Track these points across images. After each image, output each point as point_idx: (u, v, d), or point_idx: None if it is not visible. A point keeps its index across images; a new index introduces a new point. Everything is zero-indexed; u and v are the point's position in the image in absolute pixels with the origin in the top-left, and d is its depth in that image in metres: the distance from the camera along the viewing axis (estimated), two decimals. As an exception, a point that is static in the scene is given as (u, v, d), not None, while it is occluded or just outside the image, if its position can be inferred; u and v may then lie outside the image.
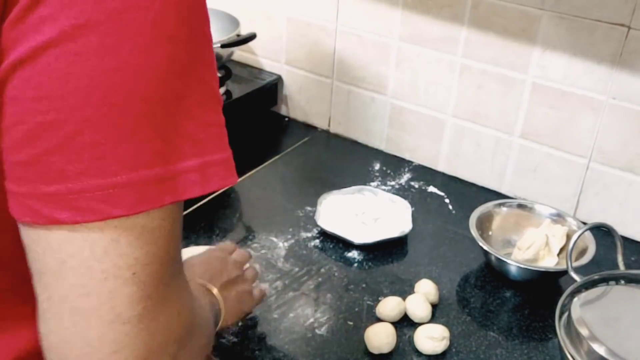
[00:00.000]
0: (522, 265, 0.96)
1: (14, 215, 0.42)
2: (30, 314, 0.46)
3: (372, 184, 1.21)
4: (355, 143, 1.36)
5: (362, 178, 1.22)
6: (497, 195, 1.20)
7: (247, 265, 0.88)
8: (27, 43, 0.39)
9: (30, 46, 0.39)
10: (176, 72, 0.42)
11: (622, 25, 0.99)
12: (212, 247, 0.89)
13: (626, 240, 1.06)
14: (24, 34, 0.39)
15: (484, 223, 1.04)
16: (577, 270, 0.89)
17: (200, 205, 1.11)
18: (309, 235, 1.06)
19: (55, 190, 0.40)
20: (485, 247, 0.97)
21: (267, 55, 1.40)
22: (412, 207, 1.12)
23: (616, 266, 0.90)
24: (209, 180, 0.45)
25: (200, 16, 0.44)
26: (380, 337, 0.85)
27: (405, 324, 0.90)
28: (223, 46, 1.21)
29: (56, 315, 0.43)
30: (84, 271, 0.41)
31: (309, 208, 1.12)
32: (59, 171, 0.40)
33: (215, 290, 0.74)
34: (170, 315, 0.45)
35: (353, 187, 1.14)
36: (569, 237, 1.00)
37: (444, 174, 1.27)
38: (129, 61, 0.40)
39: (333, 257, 1.03)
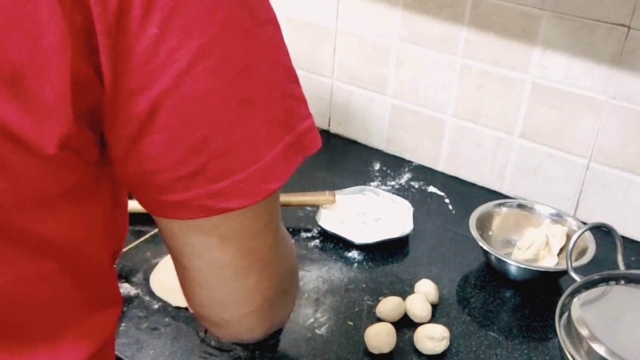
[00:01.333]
0: (522, 265, 0.96)
1: (186, 218, 0.48)
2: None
3: (372, 184, 1.21)
4: (355, 143, 1.36)
5: (362, 178, 1.22)
6: (497, 195, 1.20)
7: None
8: (167, 74, 0.42)
9: (171, 76, 0.42)
10: (278, 47, 0.48)
11: (622, 25, 0.99)
12: None
13: (626, 240, 1.06)
14: (160, 67, 0.41)
15: (484, 223, 1.04)
16: (577, 270, 0.89)
17: (200, 205, 1.11)
18: (309, 235, 1.06)
19: (224, 185, 0.46)
20: (485, 247, 0.97)
21: (267, 55, 1.40)
22: (412, 207, 1.12)
23: (616, 266, 0.90)
24: (317, 136, 0.52)
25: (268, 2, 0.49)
26: (380, 337, 0.85)
27: (405, 324, 0.90)
28: (223, 46, 1.21)
29: (220, 277, 0.51)
30: (241, 237, 0.50)
31: (309, 208, 1.12)
32: (223, 170, 0.46)
33: None
34: (284, 251, 0.55)
35: (355, 188, 1.14)
36: (569, 237, 1.01)
37: (444, 174, 1.27)
38: (246, 58, 0.44)
39: (333, 257, 1.03)
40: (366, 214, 1.08)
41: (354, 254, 1.03)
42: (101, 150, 0.47)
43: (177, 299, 0.90)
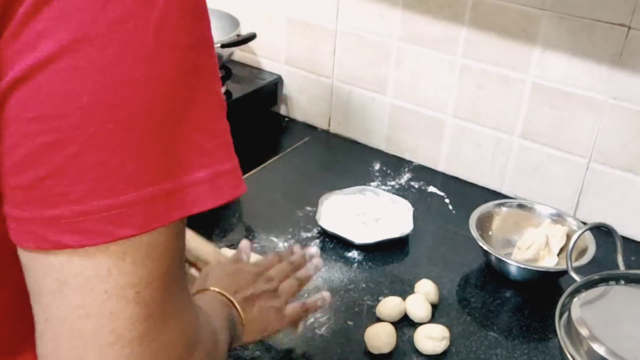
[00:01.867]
0: (522, 265, 0.96)
1: (14, 241, 0.40)
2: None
3: (372, 184, 1.21)
4: (355, 143, 1.36)
5: (362, 178, 1.22)
6: (497, 195, 1.20)
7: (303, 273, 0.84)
8: (23, 61, 0.37)
9: (27, 64, 0.37)
10: (181, 81, 0.40)
11: (622, 25, 0.99)
12: (242, 261, 0.85)
13: (626, 240, 1.06)
14: (20, 51, 0.37)
15: (484, 223, 1.04)
16: (577, 270, 0.89)
17: (200, 205, 1.11)
18: (309, 235, 1.06)
19: (60, 213, 0.39)
20: (485, 247, 0.97)
21: (267, 55, 1.40)
22: (412, 207, 1.12)
23: (616, 266, 0.90)
24: (220, 191, 0.43)
25: (202, 21, 0.42)
26: (380, 337, 0.85)
27: (405, 324, 0.90)
28: (223, 46, 1.21)
29: (54, 337, 0.41)
30: (86, 291, 0.40)
31: (309, 208, 1.12)
32: (63, 194, 0.38)
33: (236, 303, 0.71)
34: (172, 334, 0.44)
35: (355, 188, 1.14)
36: (569, 237, 1.00)
37: (444, 174, 1.27)
38: (132, 74, 0.38)
39: (333, 257, 1.03)
40: (366, 214, 1.08)
41: (354, 254, 1.03)
42: None
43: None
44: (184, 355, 0.46)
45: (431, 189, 1.22)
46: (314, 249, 0.88)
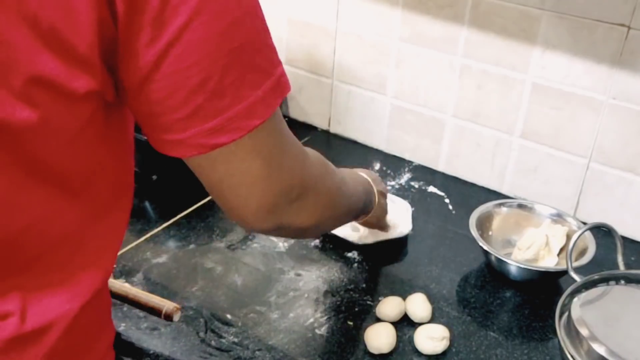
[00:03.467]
0: (522, 265, 0.96)
1: (182, 155, 0.57)
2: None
3: (372, 184, 1.20)
4: (355, 143, 1.36)
5: (362, 178, 1.22)
6: (497, 195, 1.20)
7: None
8: (171, 27, 0.50)
9: (175, 28, 0.50)
10: (256, 4, 0.55)
11: (622, 25, 0.99)
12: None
13: (626, 240, 1.06)
14: (165, 21, 0.49)
15: (484, 223, 1.04)
16: (577, 270, 0.89)
17: (200, 205, 1.11)
18: (309, 235, 1.06)
19: (215, 124, 0.54)
20: (485, 247, 0.97)
21: (267, 55, 1.40)
22: (412, 207, 1.12)
23: (616, 266, 0.91)
24: (288, 80, 0.60)
25: None
26: (380, 337, 0.85)
27: (405, 324, 0.90)
28: (223, 46, 1.21)
29: (222, 191, 0.61)
30: (228, 162, 0.58)
31: (309, 208, 1.12)
32: (216, 109, 0.54)
33: (374, 189, 0.94)
34: (286, 172, 0.62)
35: None
36: (569, 237, 1.01)
37: (444, 174, 1.27)
38: (235, 13, 0.52)
39: (333, 257, 1.03)
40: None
41: (354, 254, 1.03)
42: (115, 93, 0.55)
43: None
44: (301, 175, 0.66)
45: (431, 189, 1.22)
46: None
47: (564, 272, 0.92)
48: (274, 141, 0.61)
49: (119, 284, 0.86)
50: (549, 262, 0.99)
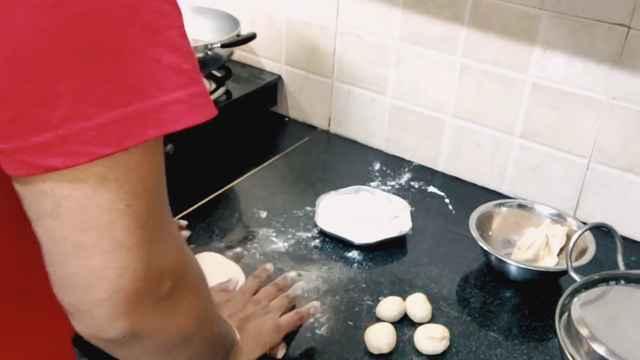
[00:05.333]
0: (522, 265, 0.96)
1: (7, 172, 0.44)
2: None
3: (372, 184, 1.21)
4: (355, 143, 1.36)
5: (362, 178, 1.22)
6: (497, 195, 1.20)
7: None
8: None
9: None
10: (145, 6, 0.43)
11: (622, 25, 0.99)
12: (229, 290, 0.88)
13: (626, 240, 1.06)
14: None
15: (484, 223, 1.04)
16: (577, 270, 0.89)
17: (200, 205, 1.11)
18: (309, 235, 1.06)
19: (45, 139, 0.42)
20: (485, 247, 0.97)
21: (267, 55, 1.40)
22: (412, 207, 1.12)
23: (616, 266, 0.90)
24: (198, 110, 0.45)
25: None
26: (380, 337, 0.85)
27: (405, 324, 0.90)
28: (223, 46, 1.21)
29: (60, 252, 0.45)
30: (79, 209, 0.44)
31: (308, 208, 1.12)
32: (44, 121, 0.42)
33: (232, 326, 0.75)
34: (165, 244, 0.48)
35: (350, 187, 1.14)
36: (569, 237, 1.00)
37: (444, 174, 1.27)
38: (90, 3, 0.41)
39: (333, 257, 1.02)
40: (364, 213, 1.08)
41: (353, 254, 1.03)
42: None
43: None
44: (179, 274, 0.50)
45: (431, 188, 1.22)
46: (292, 273, 0.92)
47: (564, 272, 0.92)
48: (142, 190, 0.45)
49: None
50: (549, 262, 0.99)
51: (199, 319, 0.55)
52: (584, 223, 1.00)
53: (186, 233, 1.03)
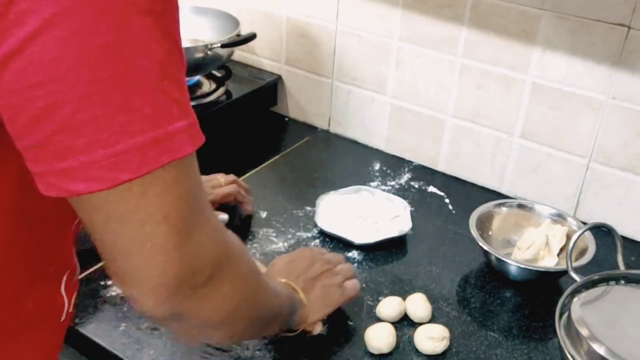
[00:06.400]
0: (522, 265, 0.96)
1: (41, 192, 0.48)
2: None
3: (372, 184, 1.21)
4: (355, 143, 1.36)
5: (362, 178, 1.22)
6: (497, 195, 1.20)
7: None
8: (13, 37, 0.43)
9: (18, 39, 0.43)
10: (156, 40, 0.46)
11: (622, 25, 0.99)
12: (299, 249, 0.94)
13: (626, 240, 1.06)
14: (8, 28, 0.43)
15: (484, 223, 1.04)
16: (577, 270, 0.89)
17: (200, 205, 1.11)
18: (309, 235, 1.06)
19: (69, 165, 0.45)
20: (485, 247, 0.97)
21: (267, 55, 1.40)
22: (412, 207, 1.12)
23: (616, 266, 0.90)
24: (195, 139, 0.50)
25: None
26: (380, 337, 0.85)
27: (405, 324, 0.90)
28: (223, 46, 1.21)
29: (111, 254, 0.52)
30: (124, 222, 0.49)
31: (308, 208, 1.12)
32: (68, 148, 0.45)
33: (298, 287, 0.82)
34: (202, 240, 0.53)
35: (350, 187, 1.14)
36: (569, 237, 1.00)
37: (444, 174, 1.26)
38: (108, 38, 0.44)
39: (333, 257, 1.02)
40: (363, 213, 1.08)
41: (353, 254, 1.03)
42: None
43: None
44: (217, 253, 0.55)
45: (431, 188, 1.22)
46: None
47: (564, 272, 0.92)
48: (178, 201, 0.51)
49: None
50: (549, 262, 0.99)
51: (241, 299, 0.60)
52: (584, 223, 1.00)
53: (224, 217, 1.05)
